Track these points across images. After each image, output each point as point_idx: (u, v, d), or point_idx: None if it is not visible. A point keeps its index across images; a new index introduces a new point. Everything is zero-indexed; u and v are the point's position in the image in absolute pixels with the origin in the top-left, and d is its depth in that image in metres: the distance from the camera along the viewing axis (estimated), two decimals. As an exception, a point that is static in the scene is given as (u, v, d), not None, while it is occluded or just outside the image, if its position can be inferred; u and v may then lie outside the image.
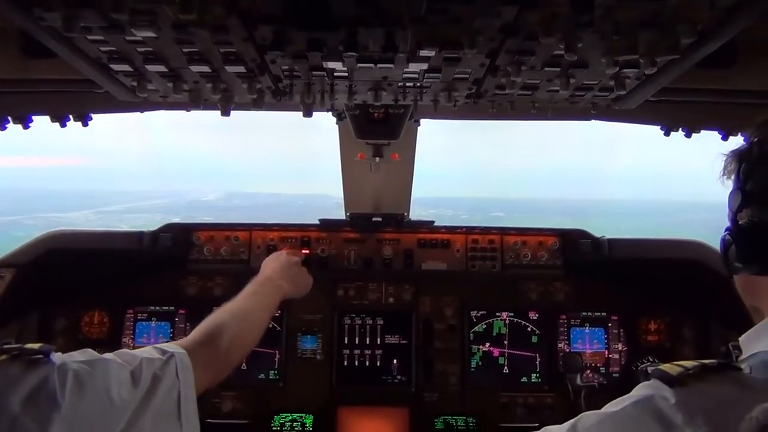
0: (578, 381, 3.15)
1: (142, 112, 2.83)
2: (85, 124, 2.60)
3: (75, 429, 1.39)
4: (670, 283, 3.55)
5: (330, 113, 2.99)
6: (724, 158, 1.61)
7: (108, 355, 1.62)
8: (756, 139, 1.49)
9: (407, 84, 1.95)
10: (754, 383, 1.34)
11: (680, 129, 2.67)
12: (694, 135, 2.70)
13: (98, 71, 1.79)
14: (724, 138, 2.60)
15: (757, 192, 1.46)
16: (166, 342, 2.37)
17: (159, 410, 1.60)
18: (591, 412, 1.53)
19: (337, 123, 3.12)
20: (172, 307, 3.67)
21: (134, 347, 3.53)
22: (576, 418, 1.56)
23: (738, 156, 1.55)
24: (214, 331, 2.03)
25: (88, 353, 1.58)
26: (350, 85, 1.95)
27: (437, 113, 2.30)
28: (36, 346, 1.47)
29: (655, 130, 2.71)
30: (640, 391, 1.46)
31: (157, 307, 3.66)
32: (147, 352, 1.73)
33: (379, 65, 1.69)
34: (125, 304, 3.65)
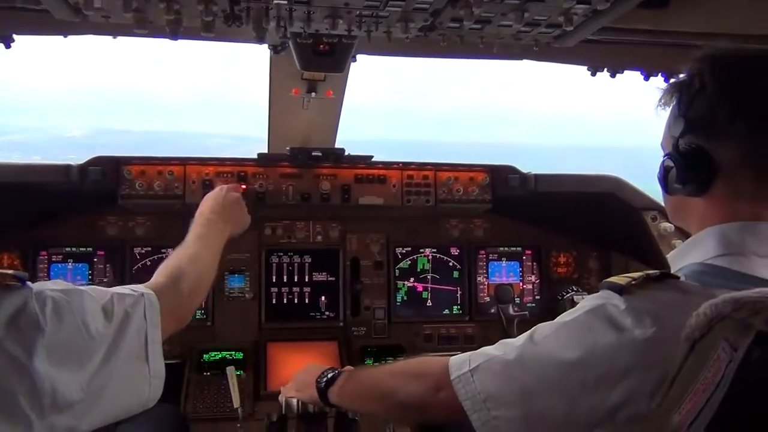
0: (510, 311, 3.41)
1: (66, 36, 2.64)
2: (7, 46, 2.41)
3: (57, 356, 1.37)
4: (585, 215, 3.84)
5: (267, 46, 2.93)
6: (662, 90, 1.77)
7: (81, 287, 1.58)
8: (697, 71, 1.64)
9: (364, 13, 1.96)
10: (690, 288, 1.53)
11: (605, 69, 2.84)
12: (618, 76, 2.90)
13: (42, -16, 1.67)
14: (646, 78, 2.80)
15: (697, 120, 1.62)
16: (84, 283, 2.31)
17: (129, 349, 1.60)
18: (546, 323, 1.69)
19: (271, 57, 3.06)
20: (89, 249, 3.54)
21: None
22: (532, 329, 1.71)
23: (679, 87, 1.70)
24: (176, 275, 2.00)
25: (60, 283, 1.54)
26: (309, 12, 1.94)
27: (389, 46, 2.31)
28: (9, 271, 1.41)
29: (562, 76, 2.87)
30: (591, 301, 1.62)
31: (74, 249, 3.53)
32: (117, 289, 1.71)
33: (348, -11, 1.70)
34: (38, 246, 3.49)
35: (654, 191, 3.36)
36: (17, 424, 1.29)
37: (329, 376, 2.20)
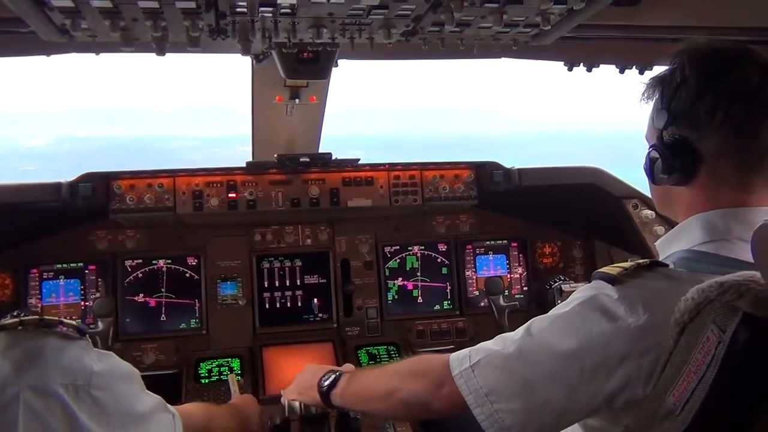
0: (501, 302, 3.47)
1: (49, 55, 2.65)
2: (-14, 67, 2.42)
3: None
4: (568, 205, 3.93)
5: (249, 57, 2.96)
6: (644, 85, 1.84)
7: None
8: (675, 66, 1.71)
9: (348, 21, 2.01)
10: (679, 275, 1.59)
11: (581, 64, 2.92)
12: (593, 70, 2.98)
13: (30, 7, 1.69)
14: (621, 71, 2.89)
15: (680, 112, 1.69)
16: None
17: None
18: (541, 315, 1.74)
19: (253, 66, 3.09)
20: (80, 264, 3.54)
21: (42, 308, 3.41)
22: (528, 322, 1.76)
23: (660, 81, 1.77)
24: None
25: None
26: (294, 22, 1.97)
27: (372, 51, 2.35)
28: (73, 322, 1.65)
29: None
30: (584, 292, 1.67)
31: (64, 265, 3.52)
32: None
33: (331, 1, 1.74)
34: (28, 264, 3.48)
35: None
36: None
37: (331, 378, 2.24)
